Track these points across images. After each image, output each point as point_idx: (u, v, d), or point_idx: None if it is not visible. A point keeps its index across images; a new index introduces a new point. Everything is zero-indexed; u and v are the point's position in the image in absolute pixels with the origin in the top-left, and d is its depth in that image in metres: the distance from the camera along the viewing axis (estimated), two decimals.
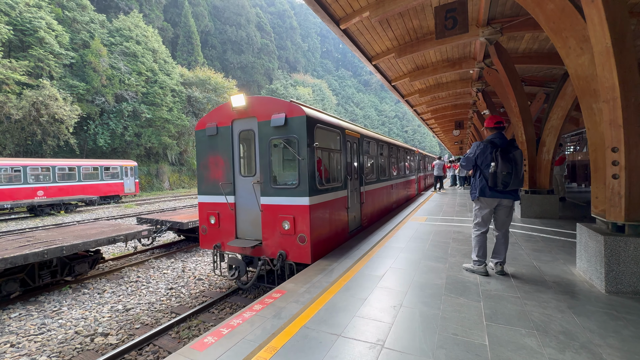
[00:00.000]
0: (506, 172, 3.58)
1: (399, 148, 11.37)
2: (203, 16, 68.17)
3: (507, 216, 3.89)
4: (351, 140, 6.41)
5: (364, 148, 7.17)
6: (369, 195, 7.50)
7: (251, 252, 5.07)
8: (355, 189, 6.56)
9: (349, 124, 6.57)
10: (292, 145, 4.67)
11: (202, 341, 2.62)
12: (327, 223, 5.12)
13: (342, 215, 5.73)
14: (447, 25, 5.40)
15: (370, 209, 7.62)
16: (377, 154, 8.37)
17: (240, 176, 5.28)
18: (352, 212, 6.29)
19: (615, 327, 2.64)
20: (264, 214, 4.92)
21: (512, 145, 3.75)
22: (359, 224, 6.75)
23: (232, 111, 5.20)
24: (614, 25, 3.00)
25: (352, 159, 6.51)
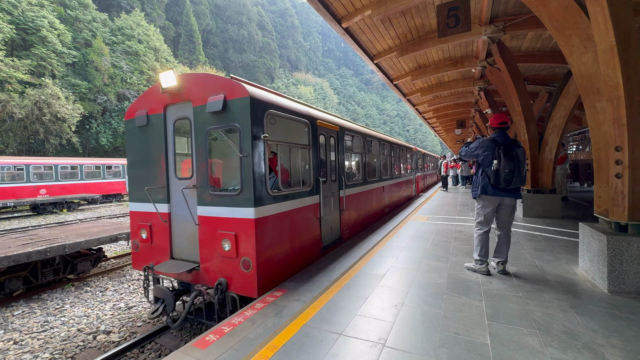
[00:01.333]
0: (509, 170, 3.55)
1: (392, 145, 10.09)
2: (205, 15, 68.20)
3: (509, 215, 3.87)
4: (326, 134, 5.26)
5: (345, 144, 6.06)
6: (352, 200, 6.37)
7: (189, 278, 3.97)
8: (333, 193, 5.47)
9: (323, 113, 5.39)
10: (232, 137, 3.60)
11: (203, 339, 2.63)
12: (287, 240, 4.04)
13: (311, 228, 4.64)
14: (449, 24, 5.38)
15: (354, 217, 6.49)
16: (364, 151, 7.18)
17: (175, 179, 4.15)
18: (327, 222, 5.20)
19: (617, 327, 2.63)
20: (201, 229, 3.79)
21: (515, 143, 3.72)
22: (337, 236, 5.59)
23: (164, 94, 4.10)
24: (618, 23, 2.98)
25: (328, 156, 5.37)
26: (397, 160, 10.98)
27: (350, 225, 6.27)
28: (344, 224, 5.95)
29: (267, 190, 3.67)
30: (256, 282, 3.46)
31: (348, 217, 6.14)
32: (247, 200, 3.49)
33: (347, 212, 6.07)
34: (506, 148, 3.62)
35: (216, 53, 69.45)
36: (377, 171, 8.24)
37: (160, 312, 3.90)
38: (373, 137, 8.00)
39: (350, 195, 6.28)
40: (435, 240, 5.64)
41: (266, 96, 3.84)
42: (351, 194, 6.30)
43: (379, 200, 8.35)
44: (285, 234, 4.02)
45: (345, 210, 5.98)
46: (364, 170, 7.12)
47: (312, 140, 4.73)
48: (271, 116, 3.86)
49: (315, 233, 4.77)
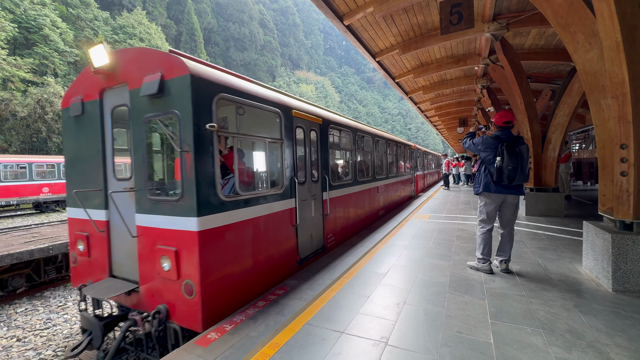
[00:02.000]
0: (512, 167, 3.52)
1: (388, 142, 9.34)
2: (206, 13, 68.14)
3: (512, 214, 3.84)
4: (305, 127, 4.58)
5: (330, 139, 5.34)
6: (339, 204, 5.66)
7: (129, 301, 3.26)
8: (314, 195, 4.75)
9: (301, 103, 4.71)
10: (171, 128, 2.94)
11: (205, 337, 2.62)
12: (248, 255, 3.31)
13: (283, 238, 3.94)
14: (452, 21, 5.33)
15: (342, 222, 5.77)
16: (355, 147, 6.49)
17: (114, 180, 3.44)
18: (306, 230, 4.52)
19: (622, 326, 2.60)
20: (140, 242, 3.10)
21: (519, 140, 3.68)
22: (319, 246, 4.87)
23: (98, 76, 3.37)
24: (624, 19, 2.93)
25: (308, 153, 4.69)
26: (394, 158, 10.30)
27: (337, 232, 5.55)
28: (329, 231, 5.20)
29: (218, 195, 2.92)
30: (200, 312, 2.73)
31: (334, 222, 5.40)
32: (188, 207, 2.74)
33: (332, 217, 5.33)
34: (509, 145, 3.59)
35: (217, 51, 69.43)
36: (371, 170, 7.55)
37: (85, 347, 3.17)
38: (365, 132, 7.25)
39: (337, 198, 5.55)
40: (438, 239, 5.62)
41: (215, 76, 3.05)
42: (338, 196, 5.59)
43: (372, 202, 7.67)
44: (246, 248, 3.30)
45: (330, 214, 5.24)
46: (354, 169, 6.43)
47: (286, 133, 4.00)
48: (225, 102, 3.15)
49: (289, 244, 4.05)
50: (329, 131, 5.32)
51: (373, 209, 7.76)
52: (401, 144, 11.23)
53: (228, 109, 4.36)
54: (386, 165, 8.99)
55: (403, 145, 11.57)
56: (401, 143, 11.23)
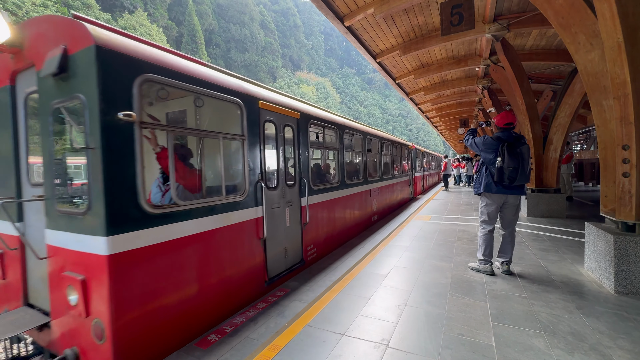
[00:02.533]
0: (512, 167, 3.52)
1: (383, 141, 8.63)
2: (207, 15, 68.38)
3: (513, 214, 3.83)
4: (278, 122, 3.94)
5: (310, 137, 4.68)
6: (322, 210, 4.96)
7: (41, 339, 2.59)
8: (290, 202, 4.09)
9: (272, 93, 3.99)
10: (76, 118, 2.35)
11: (205, 339, 2.61)
12: (189, 282, 2.62)
13: (244, 255, 3.24)
14: (452, 22, 5.32)
15: (325, 231, 5.07)
16: (342, 147, 5.78)
17: (29, 185, 2.80)
18: (278, 243, 3.85)
19: (625, 328, 2.58)
20: (50, 264, 2.43)
21: (519, 140, 3.68)
22: (297, 260, 4.22)
23: (7, 57, 2.75)
24: (626, 19, 2.92)
25: (282, 153, 4.08)
26: (390, 159, 9.68)
27: (320, 243, 4.89)
28: (309, 242, 4.53)
29: (142, 206, 2.24)
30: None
31: (315, 232, 4.73)
32: (95, 223, 2.08)
33: (313, 226, 4.65)
34: (510, 145, 3.59)
35: (219, 53, 69.63)
36: (362, 172, 6.93)
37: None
38: (355, 130, 6.52)
39: (320, 204, 4.88)
40: (439, 240, 5.60)
41: (139, 50, 2.34)
42: (321, 202, 4.91)
43: (364, 206, 7.00)
44: (187, 272, 2.60)
45: (311, 223, 4.57)
46: (342, 171, 5.73)
47: (250, 129, 3.32)
48: (154, 85, 2.53)
49: (253, 261, 3.37)
50: (310, 128, 4.67)
51: (365, 214, 7.09)
52: (397, 143, 10.58)
53: (186, 101, 3.66)
54: (380, 167, 8.34)
55: (400, 145, 10.91)
56: (398, 143, 10.59)
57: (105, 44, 2.11)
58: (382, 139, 8.49)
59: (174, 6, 60.26)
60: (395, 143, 10.15)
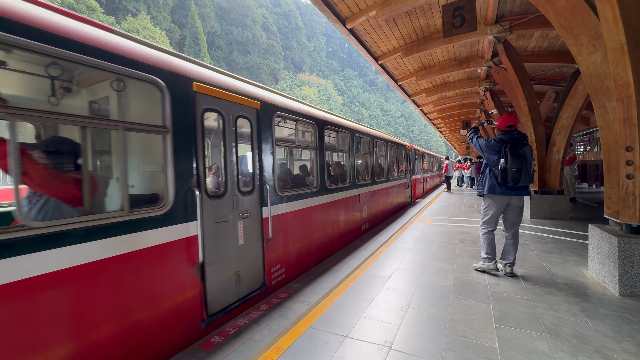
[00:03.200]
0: (516, 168, 3.54)
1: (375, 140, 7.78)
2: (209, 17, 68.81)
3: (517, 217, 3.83)
4: (226, 112, 3.10)
5: (275, 133, 3.82)
6: (293, 221, 4.13)
7: None
8: (245, 213, 3.27)
9: (217, 74, 3.19)
10: None
11: (209, 340, 2.62)
12: (59, 342, 1.83)
13: (168, 289, 2.45)
14: (454, 24, 5.34)
15: (297, 247, 4.25)
16: (321, 145, 4.91)
17: None
18: (226, 266, 3.03)
19: (630, 331, 2.57)
20: None
21: (522, 141, 3.70)
22: (256, 285, 3.43)
23: None
24: (629, 21, 2.92)
25: (233, 152, 3.20)
26: (385, 160, 8.85)
27: (290, 262, 4.06)
28: (273, 262, 3.72)
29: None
30: None
31: (283, 249, 3.93)
32: None
33: (279, 242, 3.84)
34: (513, 146, 3.62)
35: (221, 55, 70.00)
36: (349, 174, 6.10)
37: None
38: (339, 126, 5.61)
39: (290, 215, 4.07)
40: (441, 242, 5.59)
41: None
42: (292, 212, 4.11)
43: (351, 214, 6.10)
44: (56, 328, 1.81)
45: (277, 238, 3.78)
46: (321, 174, 4.89)
47: (176, 118, 2.53)
48: None
49: (181, 296, 2.55)
50: (276, 121, 3.89)
51: (352, 223, 6.21)
52: (393, 143, 9.73)
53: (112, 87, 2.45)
54: (372, 168, 7.50)
55: (396, 145, 10.08)
56: (393, 142, 9.74)
57: None
58: (374, 137, 7.69)
59: (177, 9, 60.70)
60: (390, 143, 9.41)
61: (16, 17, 1.69)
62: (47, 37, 1.80)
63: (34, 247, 1.73)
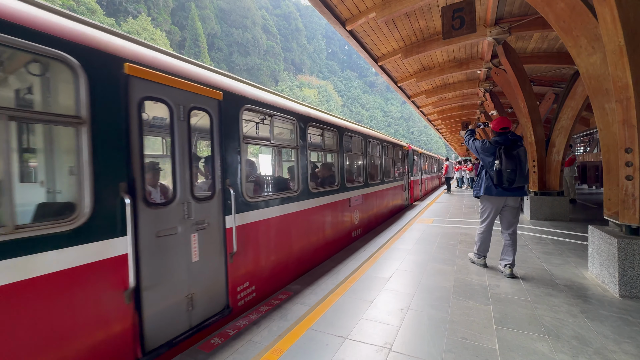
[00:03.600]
0: (510, 169, 3.62)
1: (368, 140, 7.22)
2: (210, 19, 68.98)
3: (513, 217, 3.88)
4: (174, 102, 2.60)
5: (243, 129, 3.32)
6: (266, 231, 3.59)
7: None
8: (200, 224, 2.77)
9: (162, 55, 2.67)
10: None
11: (209, 342, 2.62)
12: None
13: (86, 324, 1.94)
14: (454, 26, 5.35)
15: (273, 259, 3.71)
16: (302, 144, 4.36)
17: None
18: (173, 290, 2.52)
19: (630, 332, 2.57)
20: None
21: (516, 143, 3.76)
22: (217, 308, 2.92)
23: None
24: (627, 23, 2.94)
25: (185, 150, 2.68)
26: (379, 161, 8.27)
27: (262, 277, 3.52)
28: (241, 279, 3.20)
29: None
30: None
31: (253, 263, 3.38)
32: None
33: (248, 256, 3.30)
34: (507, 148, 3.70)
35: (221, 56, 70.14)
36: (338, 177, 5.58)
37: None
38: (324, 123, 5.06)
39: (263, 223, 3.53)
40: (441, 243, 5.59)
41: None
42: (265, 220, 3.56)
43: (340, 220, 5.57)
44: None
45: (245, 252, 3.25)
46: (303, 177, 4.39)
47: (98, 106, 2.05)
48: None
49: (108, 332, 2.07)
50: (243, 115, 3.32)
51: (342, 230, 5.66)
52: (388, 143, 9.16)
53: None
54: (365, 170, 6.97)
55: (392, 145, 9.48)
56: (389, 142, 9.17)
57: None
58: (366, 137, 7.12)
59: (177, 11, 60.87)
60: (385, 143, 8.78)
61: None
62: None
63: None
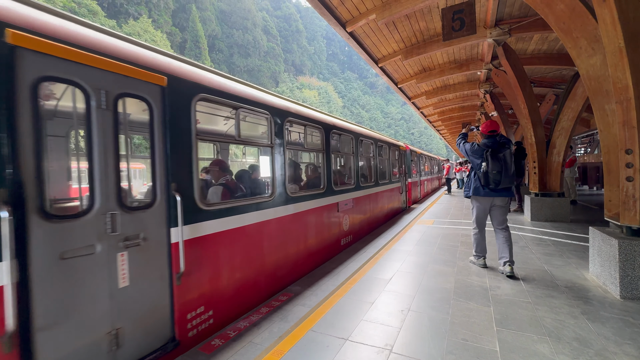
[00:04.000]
0: (496, 171, 3.80)
1: (361, 139, 6.65)
2: (210, 21, 69.18)
3: (502, 215, 4.04)
4: (91, 84, 2.01)
5: (195, 123, 2.75)
6: (228, 245, 3.03)
7: None
8: (133, 240, 2.21)
9: (83, 29, 2.20)
10: None
11: (209, 344, 2.62)
12: None
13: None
14: (454, 27, 5.37)
15: (237, 277, 3.14)
16: (278, 143, 3.82)
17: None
18: (85, 327, 1.94)
19: (631, 334, 2.56)
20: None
21: (503, 146, 3.91)
22: (161, 340, 2.38)
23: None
24: (627, 24, 2.94)
25: (104, 146, 2.10)
26: (373, 162, 7.68)
27: (222, 299, 2.96)
28: (191, 305, 2.64)
29: None
30: None
31: (210, 284, 2.82)
32: None
33: (202, 276, 2.74)
34: (493, 151, 3.87)
35: (222, 58, 70.31)
36: (324, 179, 5.02)
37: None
38: (308, 120, 4.55)
39: (222, 235, 2.94)
40: (442, 245, 5.59)
41: None
42: (224, 232, 2.97)
43: (325, 227, 4.94)
44: None
45: (197, 271, 2.69)
46: (280, 179, 3.85)
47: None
48: None
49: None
50: (196, 107, 2.75)
51: (328, 238, 5.01)
52: (384, 143, 8.51)
53: None
54: (357, 171, 6.39)
55: (387, 144, 8.82)
56: (384, 142, 8.51)
57: None
58: (358, 135, 6.54)
59: (178, 12, 61.06)
60: (380, 142, 8.13)
61: None
62: None
63: None
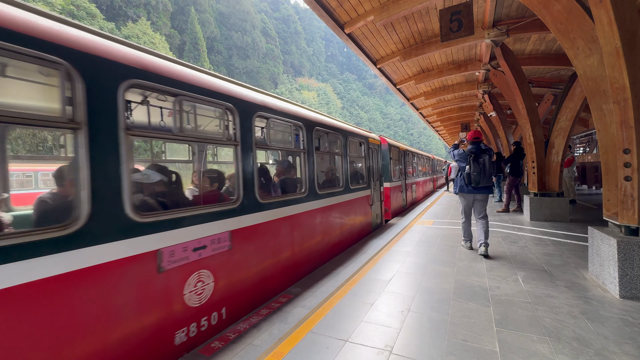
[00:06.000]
0: (476, 172, 4.64)
1: (313, 128, 4.48)
2: (209, 22, 69.26)
3: (482, 207, 4.88)
4: None
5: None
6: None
7: None
8: None
9: None
10: None
11: (209, 346, 2.62)
12: None
13: None
14: (452, 28, 5.39)
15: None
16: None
17: None
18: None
19: (631, 333, 2.56)
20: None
21: (484, 152, 4.70)
22: None
23: None
24: (624, 25, 2.96)
25: None
26: (339, 162, 5.69)
27: None
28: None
29: None
30: None
31: None
32: None
33: None
34: (475, 156, 4.68)
35: (220, 60, 70.38)
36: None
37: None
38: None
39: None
40: (441, 245, 5.59)
41: None
42: None
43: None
44: None
45: None
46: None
47: None
48: None
49: None
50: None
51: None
52: (351, 133, 6.01)
53: None
54: (309, 176, 4.39)
55: (343, 134, 5.65)
56: (351, 133, 6.02)
57: None
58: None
59: (177, 15, 61.14)
60: (348, 134, 5.82)
61: None
62: None
63: None
